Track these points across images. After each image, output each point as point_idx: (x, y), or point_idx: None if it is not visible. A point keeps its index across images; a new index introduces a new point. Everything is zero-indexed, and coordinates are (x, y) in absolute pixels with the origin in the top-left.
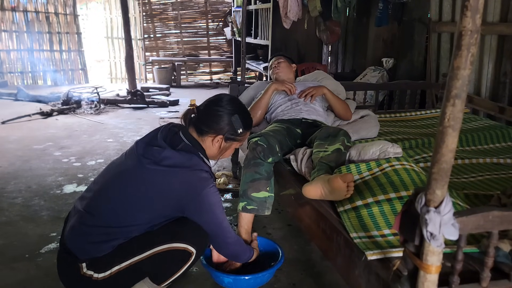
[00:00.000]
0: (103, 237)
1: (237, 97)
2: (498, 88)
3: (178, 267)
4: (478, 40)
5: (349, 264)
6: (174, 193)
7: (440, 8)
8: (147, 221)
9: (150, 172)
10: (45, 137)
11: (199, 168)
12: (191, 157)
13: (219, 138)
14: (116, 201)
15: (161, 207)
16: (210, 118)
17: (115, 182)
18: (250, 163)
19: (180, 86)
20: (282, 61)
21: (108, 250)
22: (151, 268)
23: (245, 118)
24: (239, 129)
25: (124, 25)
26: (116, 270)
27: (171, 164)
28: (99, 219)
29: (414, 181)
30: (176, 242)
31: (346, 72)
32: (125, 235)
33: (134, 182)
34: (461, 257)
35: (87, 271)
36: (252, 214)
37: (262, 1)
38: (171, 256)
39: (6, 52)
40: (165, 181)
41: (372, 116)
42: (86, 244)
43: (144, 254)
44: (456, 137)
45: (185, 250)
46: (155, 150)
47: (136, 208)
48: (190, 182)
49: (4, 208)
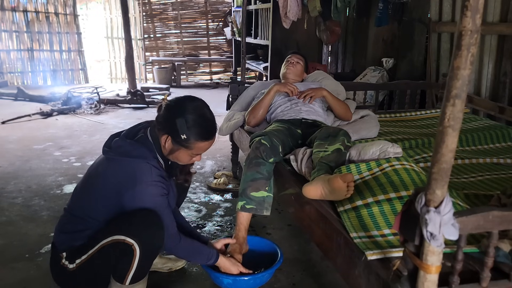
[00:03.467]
0: (74, 227)
1: (204, 105)
2: (498, 88)
3: (127, 262)
4: (478, 40)
5: (349, 264)
6: (116, 181)
7: (440, 8)
8: (106, 211)
9: (105, 161)
10: (45, 137)
11: (144, 160)
12: (139, 147)
13: (166, 137)
14: (82, 192)
15: (111, 196)
16: (164, 115)
17: (85, 176)
18: (251, 162)
19: (180, 86)
20: (301, 64)
21: (81, 241)
22: (104, 262)
23: (196, 126)
24: (182, 134)
25: (124, 25)
26: (80, 262)
27: (120, 152)
28: (72, 211)
29: (414, 181)
30: (117, 234)
31: (346, 72)
32: (91, 226)
33: (94, 172)
34: (461, 257)
35: (64, 261)
36: (250, 213)
37: (262, 1)
38: (115, 249)
39: (6, 52)
40: (111, 168)
41: (372, 116)
42: (61, 233)
43: (96, 247)
44: (456, 137)
45: (124, 242)
46: (115, 140)
47: (94, 198)
48: (131, 171)
49: (4, 208)
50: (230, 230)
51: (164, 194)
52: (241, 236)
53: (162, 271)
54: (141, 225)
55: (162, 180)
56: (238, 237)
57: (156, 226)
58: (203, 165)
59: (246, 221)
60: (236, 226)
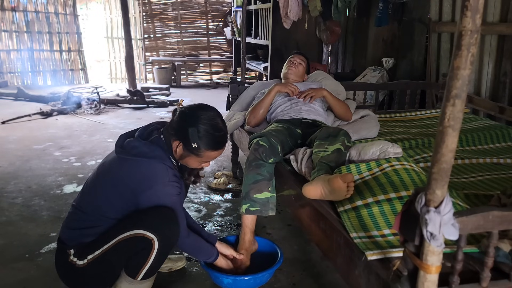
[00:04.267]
0: (84, 223)
1: (217, 115)
2: (498, 88)
3: (144, 257)
4: (478, 40)
5: (349, 264)
6: (132, 180)
7: (440, 8)
8: (118, 208)
9: (119, 161)
10: (45, 137)
11: (160, 161)
12: (155, 148)
13: (177, 143)
14: (94, 190)
15: (125, 195)
16: (178, 122)
17: (96, 174)
18: (251, 164)
19: (180, 86)
20: (303, 66)
21: (91, 237)
22: (119, 258)
23: (207, 136)
24: (193, 143)
25: (124, 25)
26: (92, 258)
27: (136, 153)
28: (82, 208)
29: (414, 181)
30: (135, 229)
31: (346, 72)
32: (102, 223)
33: (106, 171)
34: (461, 257)
35: (73, 258)
36: (255, 215)
37: (262, 1)
38: (132, 244)
39: (6, 52)
40: (126, 169)
41: (372, 116)
42: (69, 230)
43: (110, 243)
44: (456, 137)
45: (144, 237)
46: (128, 140)
47: (107, 197)
48: (148, 172)
49: (4, 208)
50: (230, 230)
51: (179, 193)
52: (248, 240)
53: (162, 271)
54: (160, 221)
55: (177, 180)
56: (244, 242)
57: (173, 223)
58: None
59: (251, 223)
60: (241, 229)
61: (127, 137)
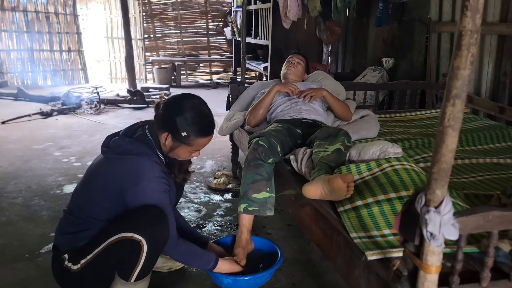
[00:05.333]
0: (76, 227)
1: (202, 102)
2: (498, 88)
3: (134, 259)
4: (478, 40)
5: (349, 264)
6: (118, 178)
7: (440, 8)
8: (108, 209)
9: (105, 160)
10: (45, 137)
11: (146, 157)
12: (140, 145)
13: (166, 135)
14: (83, 193)
15: (113, 195)
16: (163, 113)
17: (84, 177)
18: (250, 164)
19: (180, 86)
20: (302, 65)
21: (84, 241)
22: (110, 261)
23: (195, 123)
24: (182, 132)
25: (124, 25)
26: (85, 263)
27: (121, 151)
28: (72, 212)
29: (414, 181)
30: (123, 231)
31: (346, 72)
32: (93, 226)
33: (93, 172)
34: (461, 257)
35: (67, 263)
36: (253, 215)
37: (262, 1)
38: (122, 247)
39: (6, 52)
40: (112, 167)
41: (372, 116)
42: (62, 235)
43: (101, 247)
44: (456, 137)
45: (132, 239)
46: (113, 140)
47: (96, 198)
48: (134, 168)
49: (4, 208)
50: (230, 230)
51: (166, 190)
52: (244, 239)
53: (162, 270)
54: (147, 221)
55: (164, 176)
56: (241, 240)
57: (161, 222)
58: (203, 165)
59: (248, 223)
60: (238, 229)
61: (113, 137)
